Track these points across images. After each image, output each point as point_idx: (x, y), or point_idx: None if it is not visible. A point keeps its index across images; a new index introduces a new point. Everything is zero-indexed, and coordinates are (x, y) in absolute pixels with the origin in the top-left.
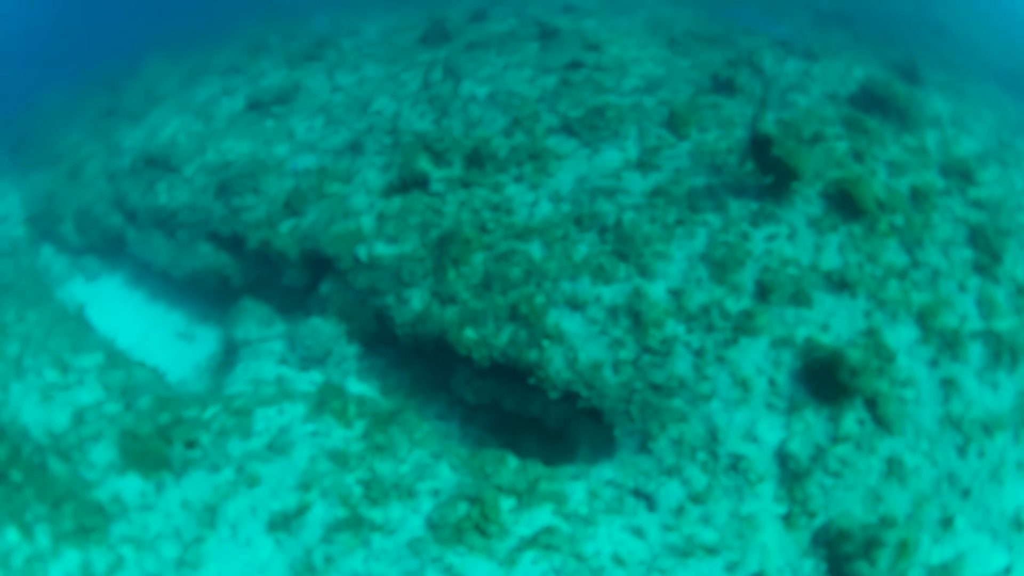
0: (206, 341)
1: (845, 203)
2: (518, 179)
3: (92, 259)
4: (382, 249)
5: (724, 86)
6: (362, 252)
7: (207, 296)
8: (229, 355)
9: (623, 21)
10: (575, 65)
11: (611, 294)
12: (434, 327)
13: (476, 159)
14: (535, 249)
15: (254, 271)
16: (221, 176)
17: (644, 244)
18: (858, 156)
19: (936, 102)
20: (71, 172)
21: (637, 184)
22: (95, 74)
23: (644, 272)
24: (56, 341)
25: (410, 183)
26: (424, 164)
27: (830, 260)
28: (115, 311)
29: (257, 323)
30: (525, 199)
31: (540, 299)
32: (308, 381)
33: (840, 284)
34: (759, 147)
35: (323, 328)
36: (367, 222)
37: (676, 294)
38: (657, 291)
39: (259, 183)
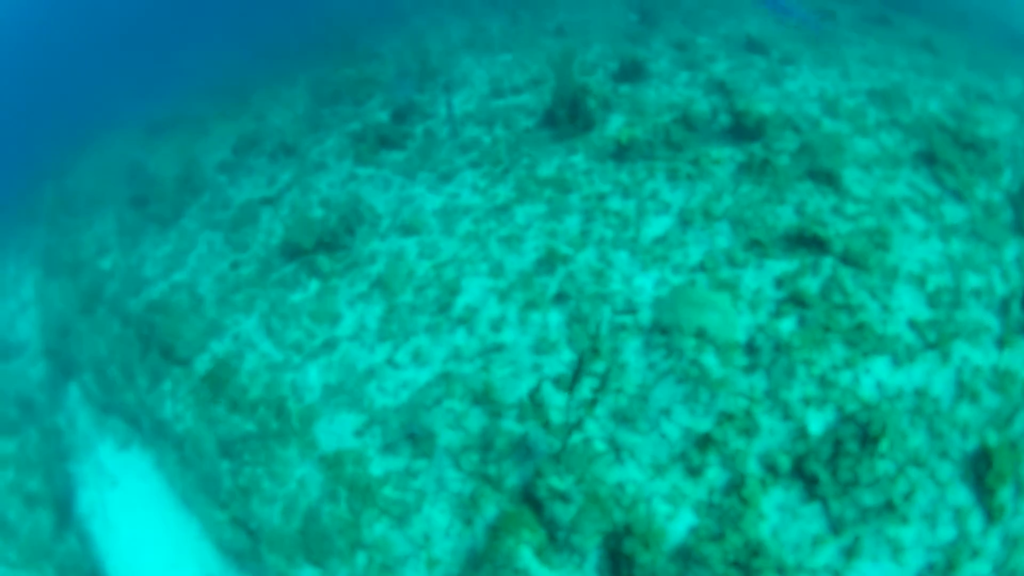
0: None
1: None
2: None
3: (119, 421)
4: None
5: None
6: None
7: None
8: None
9: (837, 83)
10: (805, 242)
11: None
12: None
13: (626, 561)
14: None
15: None
16: (226, 426)
17: None
18: None
19: None
20: (88, 297)
21: None
22: (145, 113)
23: None
24: None
25: None
26: (527, 556)
27: None
28: (143, 508)
29: None
30: None
31: None
32: None
33: None
34: None
35: None
36: None
37: None
38: None
39: (273, 457)
